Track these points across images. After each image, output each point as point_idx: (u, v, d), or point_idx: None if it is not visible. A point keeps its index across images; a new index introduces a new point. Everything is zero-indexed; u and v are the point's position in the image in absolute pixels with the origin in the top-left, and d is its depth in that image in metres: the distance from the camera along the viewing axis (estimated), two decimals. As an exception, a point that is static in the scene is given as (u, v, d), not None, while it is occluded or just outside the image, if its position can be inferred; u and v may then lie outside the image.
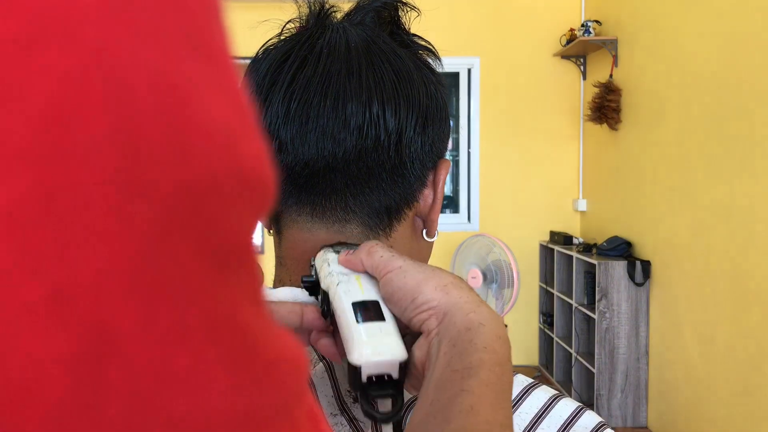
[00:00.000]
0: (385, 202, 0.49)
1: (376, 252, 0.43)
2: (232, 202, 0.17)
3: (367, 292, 0.42)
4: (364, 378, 0.38)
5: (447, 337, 0.38)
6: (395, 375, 0.38)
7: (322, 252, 0.47)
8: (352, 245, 0.47)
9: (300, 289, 0.49)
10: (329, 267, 0.45)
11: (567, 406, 0.46)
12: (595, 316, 3.38)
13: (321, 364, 0.47)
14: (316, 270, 0.46)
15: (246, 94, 0.19)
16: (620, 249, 3.46)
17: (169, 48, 0.16)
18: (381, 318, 0.40)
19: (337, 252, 0.46)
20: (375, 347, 0.38)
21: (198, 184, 0.16)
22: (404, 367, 0.39)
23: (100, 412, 0.14)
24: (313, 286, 0.46)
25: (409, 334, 0.41)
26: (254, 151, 0.19)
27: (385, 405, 0.39)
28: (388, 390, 0.38)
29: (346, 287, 0.43)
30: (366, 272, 0.43)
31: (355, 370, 0.38)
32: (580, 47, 3.98)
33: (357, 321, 0.40)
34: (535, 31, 4.30)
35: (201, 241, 0.16)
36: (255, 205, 0.18)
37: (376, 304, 0.41)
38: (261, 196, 0.19)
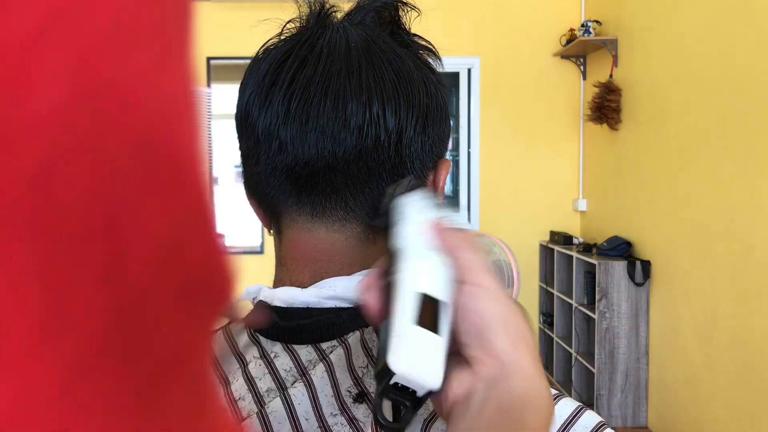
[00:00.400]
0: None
1: (468, 248, 0.39)
2: (168, 315, 0.16)
3: (440, 286, 0.37)
4: (391, 381, 0.35)
5: (497, 399, 0.34)
6: (419, 394, 0.35)
7: (411, 197, 0.42)
8: (444, 209, 0.42)
9: (299, 289, 0.49)
10: (414, 229, 0.39)
11: (567, 405, 0.46)
12: (595, 316, 3.38)
13: (321, 364, 0.47)
14: (391, 217, 0.41)
15: (204, 192, 0.18)
16: (620, 249, 3.46)
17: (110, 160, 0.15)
18: (436, 329, 0.36)
19: (433, 214, 0.40)
20: (417, 363, 0.35)
21: (128, 306, 0.15)
22: (433, 392, 0.36)
23: None
24: (385, 227, 0.41)
25: (456, 356, 0.37)
26: (204, 254, 0.17)
27: (396, 411, 0.37)
28: (405, 400, 0.36)
29: (421, 266, 0.38)
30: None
31: (387, 370, 0.35)
32: (580, 47, 3.98)
33: (412, 320, 0.36)
34: (535, 31, 4.30)
35: (127, 365, 0.15)
36: (203, 311, 0.17)
37: (445, 309, 0.37)
38: (212, 299, 0.18)
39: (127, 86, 0.15)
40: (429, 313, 0.36)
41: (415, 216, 0.40)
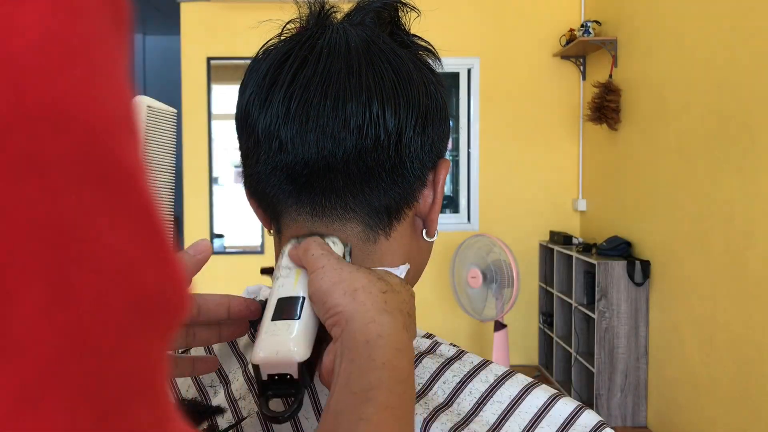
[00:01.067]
0: (385, 202, 0.49)
1: (309, 249, 0.43)
2: (124, 336, 0.16)
3: (299, 288, 0.42)
4: (264, 375, 0.38)
5: (347, 350, 0.37)
6: (295, 375, 0.38)
7: (288, 243, 0.47)
8: (323, 236, 0.47)
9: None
10: (280, 260, 0.45)
11: (567, 405, 0.46)
12: (595, 316, 3.38)
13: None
14: (276, 260, 0.47)
15: (159, 220, 0.17)
16: (620, 249, 3.46)
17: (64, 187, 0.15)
18: (296, 317, 0.40)
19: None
20: (273, 346, 0.38)
21: (82, 333, 0.15)
22: (306, 367, 0.38)
23: None
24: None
25: (328, 337, 0.41)
26: (160, 278, 0.17)
27: (281, 404, 0.39)
28: (286, 389, 0.39)
29: (282, 281, 0.43)
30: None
31: (255, 367, 0.39)
32: (580, 47, 3.98)
33: (272, 317, 0.40)
34: (535, 31, 4.30)
35: (84, 389, 0.15)
36: (159, 330, 0.17)
37: (298, 301, 0.41)
38: (168, 317, 0.17)
39: (62, 101, 0.14)
40: (288, 309, 0.41)
41: (282, 254, 0.46)
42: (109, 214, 0.16)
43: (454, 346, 0.51)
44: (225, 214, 4.48)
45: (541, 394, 0.47)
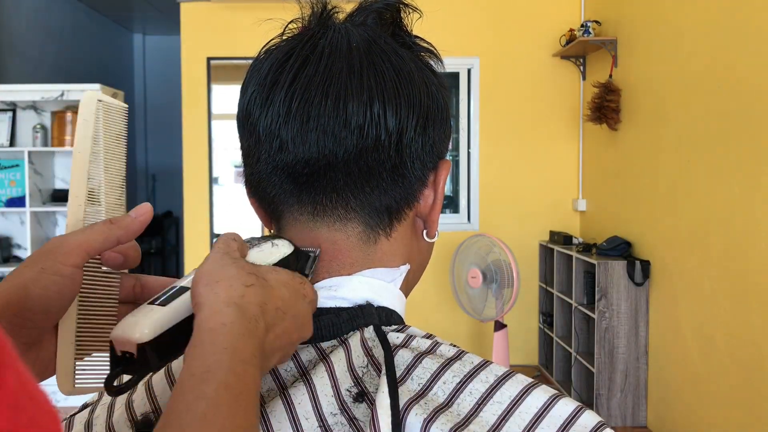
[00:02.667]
0: (386, 202, 0.49)
1: (218, 241, 0.44)
2: None
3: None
4: (117, 351, 0.41)
5: (194, 337, 0.38)
6: (135, 355, 0.40)
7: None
8: (270, 238, 0.48)
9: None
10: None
11: (567, 405, 0.46)
12: (595, 316, 3.38)
13: (321, 363, 0.47)
14: None
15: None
16: (620, 249, 3.47)
17: None
18: (165, 304, 0.42)
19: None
20: (128, 325, 0.40)
21: None
22: (147, 350, 0.40)
23: None
24: None
25: None
26: None
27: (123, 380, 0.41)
28: (127, 367, 0.40)
29: (192, 272, 0.45)
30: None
31: (109, 342, 0.41)
32: (580, 47, 3.98)
33: (150, 301, 0.42)
34: (535, 31, 4.30)
35: None
36: None
37: (182, 291, 0.43)
38: None
39: None
40: (170, 296, 0.42)
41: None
42: None
43: (455, 346, 0.51)
44: (225, 214, 4.47)
45: (541, 394, 0.47)
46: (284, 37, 0.52)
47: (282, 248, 0.47)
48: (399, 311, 0.53)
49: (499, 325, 3.52)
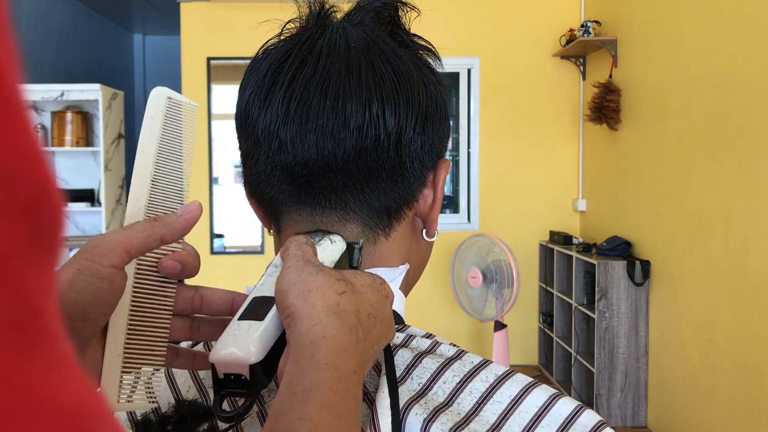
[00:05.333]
0: (385, 202, 0.49)
1: (288, 247, 0.43)
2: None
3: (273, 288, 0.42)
4: (219, 374, 0.38)
5: (293, 351, 0.37)
6: (247, 376, 0.38)
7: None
8: (323, 234, 0.47)
9: None
10: (274, 258, 0.45)
11: (567, 405, 0.46)
12: (595, 316, 3.38)
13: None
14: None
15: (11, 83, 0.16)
16: (620, 249, 3.46)
17: None
18: (261, 318, 0.40)
19: None
20: (230, 346, 0.38)
21: None
22: (262, 370, 0.38)
23: None
24: None
25: None
26: (13, 151, 0.15)
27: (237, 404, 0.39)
28: (239, 390, 0.38)
29: (264, 280, 0.43)
30: None
31: (211, 366, 0.38)
32: (580, 47, 3.98)
33: (239, 316, 0.40)
34: (535, 31, 4.30)
35: None
36: (10, 207, 0.15)
37: (270, 302, 0.41)
38: (19, 195, 0.15)
39: None
40: (258, 309, 0.41)
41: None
42: None
43: (455, 345, 0.51)
44: (225, 214, 4.47)
45: (541, 393, 0.47)
46: (282, 37, 0.52)
47: (339, 244, 0.47)
48: (399, 311, 0.53)
49: (499, 325, 3.52)
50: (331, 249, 0.46)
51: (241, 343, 0.38)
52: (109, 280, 0.39)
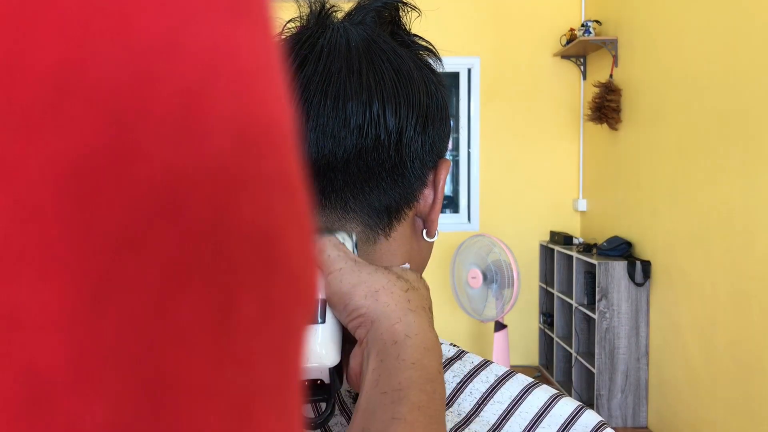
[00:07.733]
0: (385, 202, 0.49)
1: (324, 251, 0.43)
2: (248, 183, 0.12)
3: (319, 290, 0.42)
4: None
5: (374, 351, 0.37)
6: (327, 380, 0.38)
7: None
8: (330, 233, 0.47)
9: None
10: None
11: (567, 405, 0.46)
12: (595, 316, 3.38)
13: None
14: None
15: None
16: (620, 249, 3.46)
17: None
18: (319, 320, 0.40)
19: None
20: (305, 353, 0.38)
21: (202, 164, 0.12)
22: (336, 372, 0.38)
23: None
24: None
25: (352, 340, 0.40)
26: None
27: (310, 410, 0.39)
28: (318, 395, 0.38)
29: None
30: None
31: None
32: (580, 47, 3.98)
33: None
34: (535, 31, 4.30)
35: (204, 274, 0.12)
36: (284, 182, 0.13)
37: (321, 303, 0.41)
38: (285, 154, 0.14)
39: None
40: (320, 312, 0.40)
41: None
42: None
43: (455, 346, 0.51)
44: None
45: (542, 394, 0.46)
46: (282, 36, 0.52)
47: (349, 242, 0.47)
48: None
49: (500, 326, 3.52)
50: (351, 246, 0.46)
51: (314, 348, 0.38)
52: None
